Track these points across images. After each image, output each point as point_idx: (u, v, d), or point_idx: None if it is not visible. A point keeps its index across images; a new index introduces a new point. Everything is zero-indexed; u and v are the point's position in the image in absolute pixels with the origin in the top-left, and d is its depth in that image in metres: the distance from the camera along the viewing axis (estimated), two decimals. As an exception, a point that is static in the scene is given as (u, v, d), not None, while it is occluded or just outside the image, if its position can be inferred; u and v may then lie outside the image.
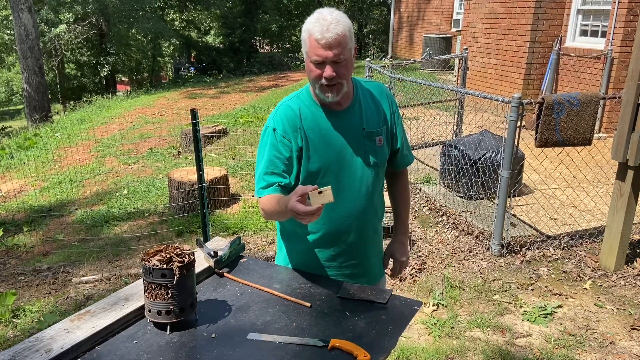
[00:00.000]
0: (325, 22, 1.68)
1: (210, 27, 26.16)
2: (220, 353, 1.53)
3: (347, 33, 1.71)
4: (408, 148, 2.06)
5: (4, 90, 26.58)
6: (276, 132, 1.85)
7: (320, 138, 1.85)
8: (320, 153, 1.85)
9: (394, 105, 1.96)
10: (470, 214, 4.73)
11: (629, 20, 7.02)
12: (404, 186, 2.12)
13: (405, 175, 2.13)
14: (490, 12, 9.24)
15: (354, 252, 1.96)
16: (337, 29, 1.68)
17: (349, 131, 1.86)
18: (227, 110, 10.86)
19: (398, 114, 1.99)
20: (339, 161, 1.86)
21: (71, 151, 8.48)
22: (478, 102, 8.47)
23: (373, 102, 1.92)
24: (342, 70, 1.73)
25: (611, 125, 7.23)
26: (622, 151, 3.63)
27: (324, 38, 1.68)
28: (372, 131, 1.88)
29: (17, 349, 1.51)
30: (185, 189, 5.15)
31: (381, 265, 2.12)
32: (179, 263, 1.61)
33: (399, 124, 1.98)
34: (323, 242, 1.94)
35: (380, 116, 1.92)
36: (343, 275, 1.99)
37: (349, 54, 1.74)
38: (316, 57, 1.71)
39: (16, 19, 12.60)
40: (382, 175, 2.00)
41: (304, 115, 1.85)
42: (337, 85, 1.76)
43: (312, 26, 1.70)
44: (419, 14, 15.72)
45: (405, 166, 2.08)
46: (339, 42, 1.68)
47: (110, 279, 4.00)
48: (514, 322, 3.33)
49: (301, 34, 1.77)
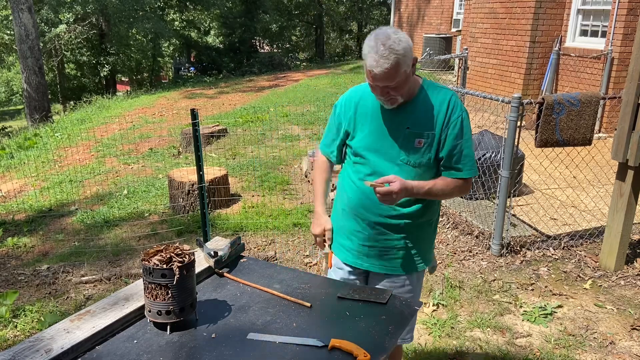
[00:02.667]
0: (377, 55, 1.79)
1: (210, 27, 26.16)
2: (220, 353, 1.53)
3: (400, 61, 1.80)
4: (460, 164, 1.99)
5: (4, 90, 26.58)
6: (335, 108, 2.14)
7: (365, 123, 2.03)
8: (361, 137, 2.03)
9: (453, 116, 1.95)
10: (470, 214, 4.73)
11: (629, 20, 7.02)
12: (442, 179, 2.02)
13: (450, 181, 2.01)
14: (490, 12, 9.24)
15: (375, 236, 2.07)
16: (386, 63, 1.78)
17: (394, 126, 1.98)
18: (227, 110, 10.86)
19: (457, 127, 1.96)
20: (376, 149, 2.00)
21: (71, 151, 8.48)
22: (478, 102, 8.47)
23: (430, 107, 1.96)
24: (394, 90, 1.87)
25: (611, 125, 7.23)
26: (622, 151, 3.63)
27: (374, 71, 1.81)
28: (414, 132, 1.95)
29: (17, 349, 1.51)
30: (185, 189, 5.15)
31: (412, 264, 2.10)
32: (179, 263, 1.61)
33: (451, 135, 1.95)
34: (351, 213, 2.11)
35: (430, 121, 1.95)
36: (359, 252, 2.12)
37: (402, 77, 1.84)
38: (370, 81, 1.89)
39: (16, 19, 12.60)
40: (426, 177, 2.00)
41: (364, 101, 2.04)
42: (392, 99, 1.91)
43: (368, 52, 1.82)
44: (419, 14, 15.72)
45: (450, 177, 2.01)
46: (388, 76, 1.81)
47: (110, 279, 4.00)
48: (514, 322, 3.33)
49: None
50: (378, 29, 1.86)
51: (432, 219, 2.13)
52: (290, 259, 4.23)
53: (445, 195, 2.06)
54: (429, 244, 2.15)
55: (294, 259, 4.23)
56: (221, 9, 23.45)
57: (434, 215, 2.13)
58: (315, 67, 20.08)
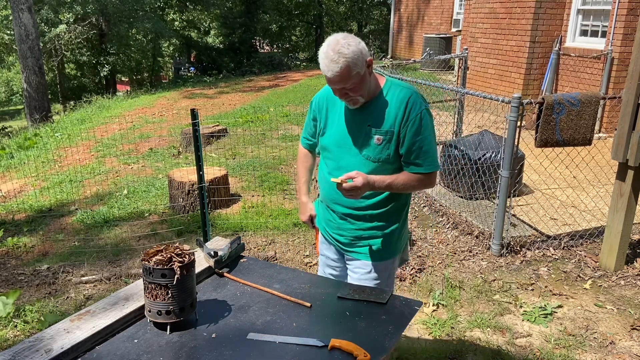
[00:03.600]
0: (327, 60, 1.90)
1: (210, 27, 26.15)
2: (220, 353, 1.53)
3: (350, 64, 1.89)
4: (420, 159, 2.05)
5: (4, 90, 26.59)
6: (311, 104, 2.27)
7: (334, 121, 2.15)
8: (329, 133, 2.17)
9: (412, 114, 2.01)
10: (470, 214, 4.73)
11: (629, 20, 7.02)
12: (404, 174, 2.09)
13: (412, 175, 2.08)
14: (490, 12, 9.24)
15: (344, 226, 2.21)
16: (336, 67, 1.89)
17: (357, 123, 2.08)
18: (227, 110, 10.86)
19: (415, 124, 2.01)
20: (340, 145, 2.13)
21: (71, 151, 8.48)
22: (478, 102, 8.47)
23: (391, 105, 2.04)
24: (351, 91, 1.97)
25: (611, 125, 7.23)
26: (622, 151, 3.63)
27: (327, 75, 1.93)
28: (374, 129, 2.05)
29: (17, 349, 1.51)
30: (185, 189, 5.15)
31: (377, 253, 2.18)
32: (179, 263, 1.61)
33: (410, 133, 2.02)
34: (324, 203, 2.29)
35: (389, 119, 2.04)
36: (333, 239, 2.29)
37: (356, 78, 1.93)
38: (327, 83, 2.00)
39: (16, 19, 12.60)
40: (385, 172, 2.07)
41: (334, 99, 2.14)
42: (352, 100, 2.02)
43: (320, 57, 1.94)
44: (419, 14, 15.72)
45: (411, 172, 2.09)
46: (340, 78, 1.92)
47: (110, 279, 4.00)
48: (514, 322, 3.33)
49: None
50: (332, 35, 1.96)
51: (399, 209, 2.20)
52: (290, 259, 4.23)
53: (408, 189, 2.13)
54: (397, 234, 2.21)
55: (294, 259, 4.22)
56: (221, 9, 23.45)
57: (400, 204, 2.20)
58: (315, 67, 20.05)
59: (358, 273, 2.21)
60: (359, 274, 2.21)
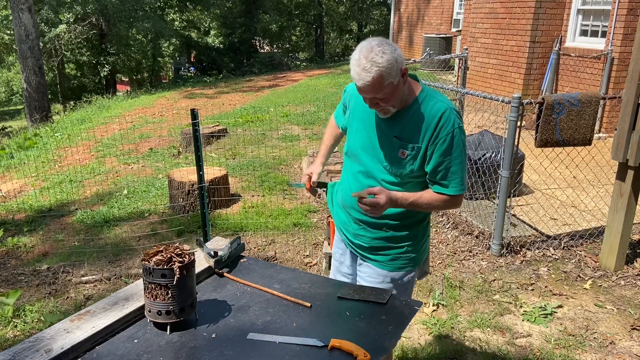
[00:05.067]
0: (359, 68, 1.79)
1: (210, 27, 26.15)
2: (220, 353, 1.53)
3: (383, 73, 1.77)
4: (446, 180, 1.94)
5: (4, 90, 26.60)
6: (345, 91, 2.20)
7: (359, 124, 2.06)
8: (353, 137, 2.09)
9: (442, 132, 1.88)
10: (470, 214, 4.73)
11: (629, 20, 7.02)
12: (429, 193, 1.99)
13: (436, 195, 1.97)
14: (490, 12, 9.24)
15: (359, 232, 2.12)
16: (368, 76, 1.77)
17: (383, 132, 1.98)
18: (227, 110, 10.86)
19: (445, 143, 1.89)
20: (362, 152, 2.04)
21: (71, 151, 8.48)
22: (478, 102, 8.47)
23: (421, 119, 1.91)
24: (383, 101, 1.86)
25: (611, 125, 7.23)
26: (622, 151, 3.63)
27: (358, 84, 1.82)
28: (401, 142, 1.94)
29: (17, 349, 1.51)
30: (185, 189, 5.15)
31: (393, 264, 2.10)
32: (179, 263, 1.61)
33: (438, 151, 1.90)
34: (342, 206, 2.19)
35: (417, 134, 1.91)
36: (350, 242, 2.20)
37: (388, 88, 1.81)
38: (358, 92, 1.89)
39: (16, 19, 12.60)
40: (405, 186, 1.98)
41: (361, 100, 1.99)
42: (383, 109, 1.91)
43: (352, 65, 1.82)
44: (419, 14, 15.72)
45: (435, 191, 1.98)
46: (371, 89, 1.80)
47: (110, 279, 4.00)
48: (514, 322, 3.33)
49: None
50: (366, 40, 1.84)
51: (418, 222, 2.10)
52: (290, 259, 4.23)
53: (432, 208, 2.04)
54: (415, 247, 2.11)
55: (294, 259, 4.22)
56: (221, 9, 23.46)
57: (419, 218, 2.09)
58: (315, 67, 20.07)
59: (367, 281, 2.12)
60: (367, 282, 2.11)
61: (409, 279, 2.14)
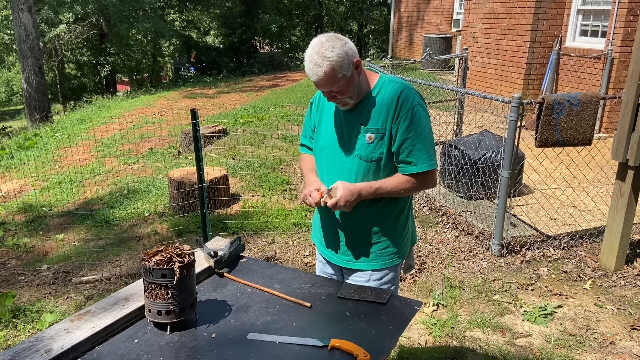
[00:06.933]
0: (311, 64, 1.86)
1: (210, 27, 26.15)
2: (220, 353, 1.53)
3: (335, 67, 1.84)
4: (413, 157, 1.96)
5: (4, 90, 26.59)
6: (311, 105, 2.22)
7: (328, 121, 2.11)
8: (323, 133, 2.12)
9: (403, 110, 1.93)
10: (470, 214, 4.73)
11: (629, 20, 7.02)
12: (395, 176, 2.01)
13: (404, 177, 1.99)
14: (490, 12, 9.24)
15: (343, 232, 2.12)
16: (320, 71, 1.85)
17: (349, 123, 2.03)
18: (227, 110, 10.86)
19: (407, 120, 1.93)
20: (333, 145, 2.07)
21: (71, 151, 8.48)
22: (478, 102, 8.46)
23: (383, 102, 1.97)
24: (339, 94, 1.93)
25: (611, 125, 7.23)
26: (622, 151, 3.63)
27: (312, 78, 1.89)
28: (365, 128, 1.99)
29: (17, 349, 1.51)
30: (185, 189, 5.15)
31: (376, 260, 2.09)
32: (179, 263, 1.61)
33: (401, 129, 1.93)
34: (320, 211, 2.20)
35: (381, 116, 1.97)
36: (330, 255, 2.19)
37: (342, 81, 1.89)
38: (315, 86, 1.94)
39: (16, 19, 12.60)
40: (380, 172, 2.00)
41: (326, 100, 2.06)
42: (341, 102, 1.98)
43: (305, 61, 1.89)
44: (419, 14, 15.72)
45: (403, 173, 1.99)
46: (325, 82, 1.88)
47: (110, 279, 4.00)
48: (514, 322, 3.33)
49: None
50: (317, 37, 1.90)
51: (397, 213, 2.09)
52: (290, 259, 4.23)
53: (402, 192, 2.01)
54: (397, 241, 2.11)
55: (294, 259, 4.22)
56: (221, 9, 23.45)
57: (398, 208, 2.09)
58: (315, 67, 20.01)
59: (354, 280, 2.12)
60: (354, 281, 2.11)
61: (394, 275, 2.15)
